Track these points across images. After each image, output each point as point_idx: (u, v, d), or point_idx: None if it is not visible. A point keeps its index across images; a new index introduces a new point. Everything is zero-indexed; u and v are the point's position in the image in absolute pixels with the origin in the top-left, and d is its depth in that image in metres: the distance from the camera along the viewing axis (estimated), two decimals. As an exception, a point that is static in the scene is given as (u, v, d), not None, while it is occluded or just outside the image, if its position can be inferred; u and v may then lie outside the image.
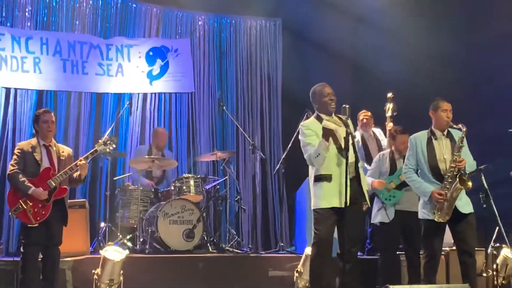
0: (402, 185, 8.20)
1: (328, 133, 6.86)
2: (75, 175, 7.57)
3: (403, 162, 8.10)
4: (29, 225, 7.26)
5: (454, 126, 7.55)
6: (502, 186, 8.66)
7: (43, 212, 7.28)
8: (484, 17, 11.50)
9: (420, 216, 7.63)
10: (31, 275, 7.33)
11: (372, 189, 8.35)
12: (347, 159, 6.92)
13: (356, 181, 7.08)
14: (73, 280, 8.30)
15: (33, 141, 7.62)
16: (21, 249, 7.44)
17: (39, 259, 7.54)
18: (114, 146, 8.24)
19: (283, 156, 10.99)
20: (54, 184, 7.32)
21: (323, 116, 7.18)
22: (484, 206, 7.89)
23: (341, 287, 7.23)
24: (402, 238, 8.56)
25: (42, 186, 7.28)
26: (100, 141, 8.03)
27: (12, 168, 7.43)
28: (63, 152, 7.71)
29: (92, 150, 8.00)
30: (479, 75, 10.95)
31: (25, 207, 7.22)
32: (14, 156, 7.56)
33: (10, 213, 7.47)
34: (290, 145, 10.05)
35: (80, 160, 7.54)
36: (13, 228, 10.57)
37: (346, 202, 6.82)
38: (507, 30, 11.08)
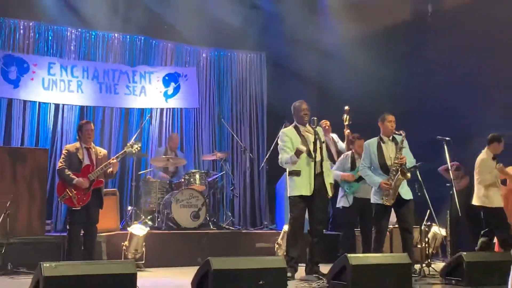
0: (359, 179, 8.28)
1: (298, 153, 7.01)
2: (108, 170, 7.64)
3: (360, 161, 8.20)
4: (73, 208, 7.36)
5: (397, 132, 7.63)
6: (432, 179, 8.69)
7: (85, 198, 7.36)
8: (420, 50, 11.54)
9: (372, 201, 7.70)
10: (75, 247, 7.40)
11: (341, 180, 8.42)
12: (315, 158, 7.02)
13: (320, 176, 7.15)
14: (107, 250, 8.31)
15: (77, 144, 7.68)
16: (67, 227, 7.56)
17: (81, 235, 7.56)
18: (138, 148, 8.28)
19: (266, 156, 11.08)
20: (93, 177, 7.42)
21: (299, 126, 7.28)
22: (419, 194, 7.91)
23: (310, 256, 7.28)
24: (358, 218, 8.60)
25: (84, 178, 7.38)
26: (128, 144, 8.15)
27: (60, 164, 7.52)
28: (100, 152, 7.78)
29: (122, 151, 8.14)
30: (415, 95, 10.98)
31: (71, 194, 7.31)
32: (62, 156, 7.65)
33: (58, 199, 7.58)
34: (272, 148, 10.13)
35: (112, 159, 7.64)
36: (59, 211, 10.55)
37: (312, 191, 6.95)
38: (437, 60, 11.13)
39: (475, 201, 8.41)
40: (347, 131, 8.99)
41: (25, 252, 7.60)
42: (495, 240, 8.51)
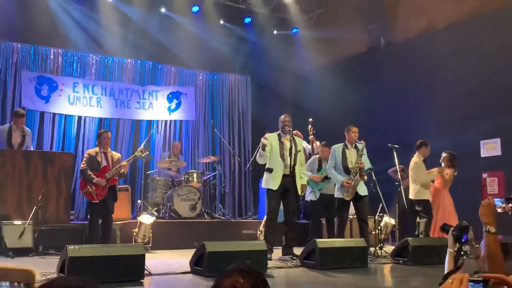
0: (325, 178, 8.33)
1: (263, 148, 7.16)
2: (121, 171, 7.70)
3: (326, 164, 8.25)
4: (93, 202, 7.45)
5: (358, 141, 7.71)
6: (384, 179, 8.77)
7: (102, 193, 7.44)
8: (374, 75, 11.64)
9: (335, 195, 7.78)
10: (95, 233, 7.44)
11: (310, 179, 8.46)
12: (285, 162, 7.12)
13: (291, 177, 7.20)
14: (120, 236, 8.27)
15: (97, 149, 7.77)
16: (88, 216, 7.58)
17: (99, 223, 7.57)
18: (147, 153, 8.30)
19: (251, 160, 11.07)
20: (109, 176, 7.50)
21: (281, 134, 7.35)
22: (374, 190, 7.98)
23: (286, 241, 7.29)
24: (324, 210, 8.64)
25: (102, 177, 7.46)
26: (138, 149, 8.19)
27: (83, 166, 7.63)
28: (115, 156, 7.85)
29: (132, 156, 8.22)
30: (370, 111, 11.08)
31: (91, 190, 7.41)
32: (84, 158, 7.76)
33: (81, 194, 7.61)
34: (256, 152, 10.12)
35: (124, 162, 7.78)
36: (81, 204, 10.50)
37: (278, 187, 7.10)
38: (387, 83, 11.24)
39: (411, 196, 8.44)
40: (311, 137, 9.10)
41: (53, 237, 7.56)
42: (436, 225, 8.54)
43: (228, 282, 1.68)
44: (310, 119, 8.95)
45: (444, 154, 8.63)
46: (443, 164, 8.59)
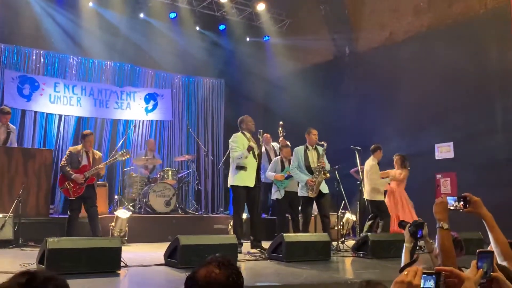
0: (287, 177, 8.35)
1: (249, 149, 7.07)
2: (99, 172, 7.47)
3: (288, 164, 8.30)
4: (69, 198, 7.24)
5: (319, 143, 7.77)
6: (347, 178, 8.86)
7: (79, 191, 7.18)
8: (338, 81, 11.77)
9: (299, 194, 7.82)
10: (72, 228, 7.17)
11: (274, 179, 8.48)
12: (257, 159, 7.14)
13: (258, 174, 7.24)
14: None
15: (79, 147, 7.52)
16: (68, 212, 7.32)
17: (78, 218, 7.36)
18: (128, 156, 8.19)
19: (223, 159, 11.09)
20: (87, 175, 7.24)
21: (246, 133, 7.31)
22: (337, 189, 8.06)
23: (253, 235, 7.28)
24: (288, 207, 8.64)
25: (80, 175, 7.20)
26: (119, 152, 8.00)
27: (63, 162, 7.39)
28: (96, 155, 7.57)
29: (113, 158, 8.04)
30: (335, 115, 11.19)
31: (68, 187, 7.17)
32: (65, 156, 7.50)
33: (59, 189, 7.42)
34: (227, 152, 10.10)
35: (101, 165, 7.45)
36: (60, 198, 10.34)
37: (254, 184, 7.06)
38: (351, 89, 11.38)
39: (365, 196, 8.45)
40: (281, 139, 9.12)
41: (33, 230, 7.42)
42: (394, 221, 8.65)
43: (204, 271, 1.69)
44: (281, 122, 8.97)
45: (395, 157, 8.74)
46: (396, 166, 8.71)
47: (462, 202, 2.40)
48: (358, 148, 8.56)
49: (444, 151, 9.72)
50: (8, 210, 7.09)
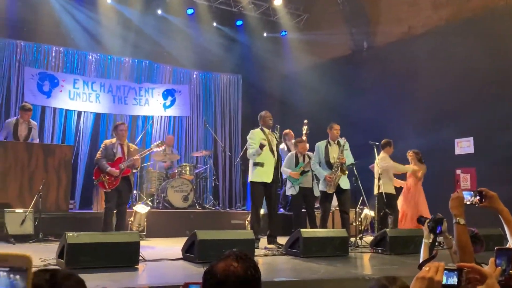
0: (302, 173, 8.30)
1: (261, 146, 7.02)
2: (135, 164, 7.37)
3: (303, 159, 8.26)
4: (105, 191, 7.19)
5: (340, 138, 7.72)
6: (366, 174, 8.76)
7: (114, 183, 7.12)
8: (356, 76, 11.67)
9: (320, 189, 7.78)
10: (108, 221, 7.11)
11: (289, 176, 8.43)
12: (274, 155, 7.10)
13: (277, 169, 7.19)
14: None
15: (113, 140, 7.44)
16: (104, 205, 7.29)
17: (114, 212, 7.32)
18: (163, 147, 8.18)
19: (241, 154, 11.07)
20: (122, 167, 7.16)
21: (265, 129, 7.29)
22: (355, 184, 7.98)
23: (270, 231, 7.25)
24: (303, 202, 8.59)
25: (115, 167, 7.15)
26: (154, 143, 7.94)
27: (98, 155, 7.31)
28: (131, 148, 7.51)
29: (148, 148, 7.98)
30: (352, 110, 11.09)
31: (104, 179, 7.12)
32: (100, 149, 7.41)
33: (95, 182, 7.34)
34: (245, 148, 10.10)
35: (136, 157, 7.35)
36: (79, 193, 10.52)
37: (272, 180, 7.03)
38: (369, 83, 11.27)
39: (376, 191, 8.35)
40: (304, 138, 9.05)
41: (53, 224, 7.50)
42: (409, 217, 8.57)
43: (222, 265, 1.70)
44: (305, 121, 8.90)
45: (410, 154, 8.64)
46: (412, 163, 8.62)
47: (478, 197, 2.36)
48: (376, 143, 8.47)
49: (463, 146, 9.58)
50: (29, 205, 7.16)
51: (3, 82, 10.34)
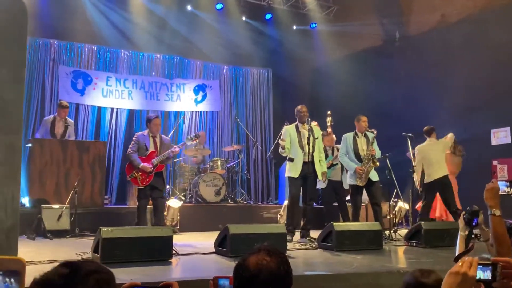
0: (330, 166, 8.25)
1: (283, 148, 7.07)
2: (171, 155, 7.26)
3: (331, 152, 8.22)
4: (138, 187, 7.12)
5: (368, 130, 7.61)
6: (399, 166, 8.61)
7: (148, 179, 7.05)
8: (388, 67, 11.48)
9: (348, 182, 7.70)
10: (141, 217, 7.09)
11: None
12: (304, 150, 7.07)
13: (311, 164, 7.15)
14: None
15: (145, 132, 7.34)
16: (137, 201, 7.23)
17: (148, 206, 7.31)
18: (197, 141, 8.17)
19: (272, 148, 11.05)
20: (156, 163, 7.09)
21: (299, 124, 7.27)
22: (388, 177, 7.88)
23: (303, 224, 7.23)
24: (334, 195, 8.54)
25: (148, 163, 7.08)
26: (188, 137, 7.90)
27: (130, 150, 7.21)
28: (164, 141, 7.42)
29: (183, 142, 7.93)
30: (384, 101, 10.93)
31: (136, 175, 7.03)
32: (132, 142, 7.28)
33: (127, 178, 7.29)
34: (276, 141, 10.08)
35: (175, 147, 7.30)
36: (114, 188, 10.71)
37: (299, 174, 7.03)
38: (400, 74, 11.09)
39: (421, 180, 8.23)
40: (329, 130, 8.99)
41: (88, 220, 7.65)
42: (435, 209, 8.43)
43: (255, 258, 1.69)
44: (329, 112, 8.83)
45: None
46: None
47: None
48: (410, 134, 8.34)
49: (500, 136, 9.32)
50: (65, 201, 7.33)
51: (38, 81, 10.57)
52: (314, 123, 7.57)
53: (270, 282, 1.66)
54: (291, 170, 7.14)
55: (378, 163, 7.43)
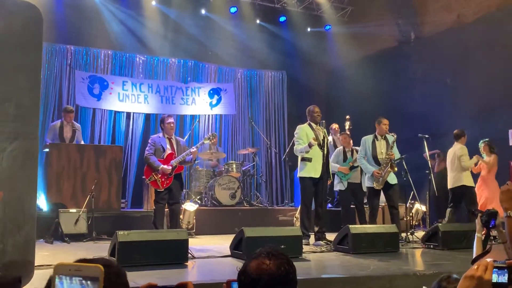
0: (351, 168, 8.22)
1: (310, 145, 6.90)
2: (189, 158, 7.13)
3: (351, 154, 8.18)
4: (158, 190, 6.99)
5: (389, 133, 7.56)
6: (416, 168, 8.54)
7: (168, 182, 6.95)
8: (404, 68, 11.41)
9: (366, 184, 7.64)
10: (158, 220, 6.98)
11: (338, 171, 8.35)
12: (323, 151, 7.00)
13: (326, 165, 7.08)
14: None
15: (161, 134, 7.24)
16: (154, 204, 7.16)
17: (165, 211, 7.22)
18: (215, 140, 8.11)
19: (287, 150, 11.01)
20: (175, 164, 6.98)
21: (312, 124, 7.21)
22: (404, 178, 7.81)
23: (319, 227, 7.18)
24: (352, 198, 8.51)
25: (167, 164, 6.97)
26: (206, 136, 7.80)
27: (147, 153, 7.08)
28: (180, 142, 7.34)
29: (201, 142, 7.83)
30: (400, 103, 10.86)
31: (156, 178, 6.92)
32: (148, 145, 7.18)
33: (146, 181, 7.25)
34: (291, 144, 10.04)
35: (193, 148, 7.19)
36: (130, 192, 10.78)
37: (319, 175, 6.92)
38: (417, 75, 11.00)
39: (450, 185, 8.23)
40: (348, 133, 8.95)
41: (105, 223, 7.70)
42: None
43: (255, 264, 1.69)
44: (347, 116, 8.79)
45: (482, 144, 8.51)
46: (484, 154, 8.42)
47: None
48: (426, 136, 8.27)
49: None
50: (82, 205, 7.38)
51: (55, 86, 10.69)
52: (335, 126, 7.55)
53: (272, 285, 1.65)
54: (309, 170, 7.01)
55: (396, 168, 7.36)
